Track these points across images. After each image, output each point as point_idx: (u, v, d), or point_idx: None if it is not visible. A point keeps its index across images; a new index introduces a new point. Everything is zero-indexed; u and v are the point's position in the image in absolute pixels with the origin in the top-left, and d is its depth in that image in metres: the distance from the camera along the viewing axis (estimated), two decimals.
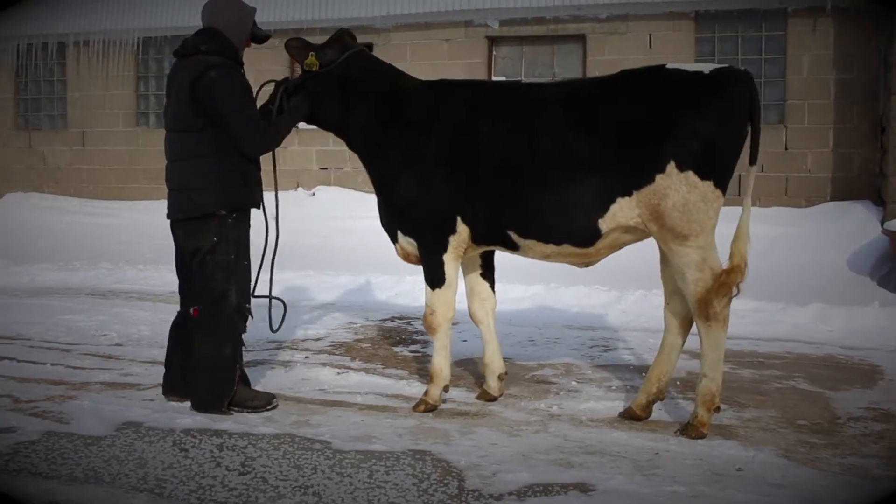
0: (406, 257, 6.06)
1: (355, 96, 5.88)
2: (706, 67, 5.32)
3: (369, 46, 6.26)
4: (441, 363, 5.88)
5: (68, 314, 9.14)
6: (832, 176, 14.02)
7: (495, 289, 6.22)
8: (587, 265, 5.80)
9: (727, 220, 5.52)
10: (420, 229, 5.79)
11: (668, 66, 5.41)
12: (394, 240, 6.04)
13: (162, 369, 6.22)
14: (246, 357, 7.12)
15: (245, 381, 5.92)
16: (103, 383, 6.50)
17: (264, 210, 5.99)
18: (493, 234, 5.67)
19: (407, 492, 4.40)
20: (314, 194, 15.76)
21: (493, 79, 15.62)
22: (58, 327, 8.52)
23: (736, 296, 5.31)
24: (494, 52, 15.86)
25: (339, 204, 15.46)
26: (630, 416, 5.61)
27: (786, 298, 9.30)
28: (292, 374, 6.70)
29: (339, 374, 6.66)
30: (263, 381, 6.47)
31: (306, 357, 7.28)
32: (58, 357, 7.27)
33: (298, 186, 16.26)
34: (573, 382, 6.48)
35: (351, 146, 6.12)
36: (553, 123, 5.40)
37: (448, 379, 5.93)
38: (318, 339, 7.94)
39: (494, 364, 6.09)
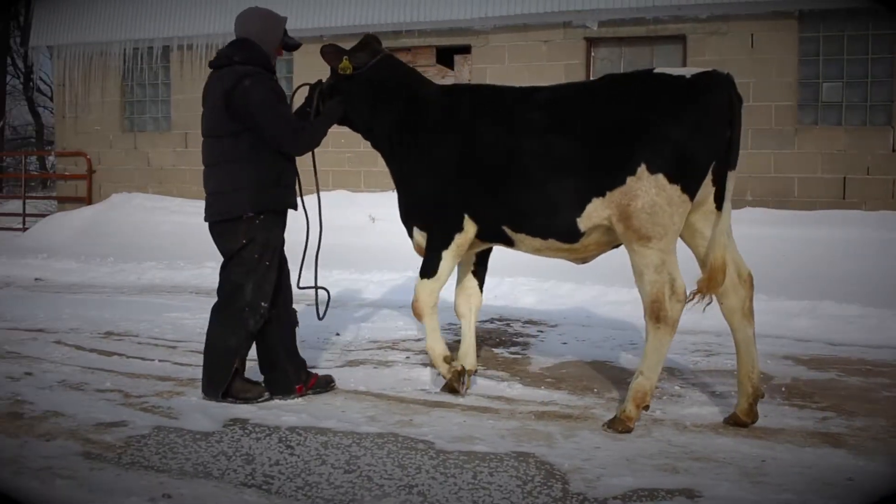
0: (421, 251, 6.31)
1: (382, 99, 6.22)
2: (689, 72, 5.40)
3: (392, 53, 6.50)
4: (433, 343, 6.23)
5: (174, 312, 9.36)
6: None
7: (483, 287, 6.58)
8: (582, 261, 6.02)
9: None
10: (430, 225, 6.10)
11: (655, 70, 5.55)
12: (410, 235, 6.34)
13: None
14: (347, 357, 7.27)
15: (242, 373, 6.09)
16: None
17: (305, 210, 6.28)
18: (492, 230, 5.93)
19: (511, 493, 4.40)
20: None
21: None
22: (164, 324, 8.74)
23: (709, 304, 5.48)
24: (593, 54, 15.78)
25: None
26: (736, 423, 5.53)
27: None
28: (394, 374, 6.76)
29: (440, 375, 6.67)
30: (366, 381, 6.53)
31: (407, 357, 7.33)
32: (165, 354, 7.45)
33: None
34: (675, 387, 6.42)
35: (376, 146, 6.44)
36: (539, 125, 5.62)
37: (446, 351, 6.26)
38: (418, 340, 7.98)
39: (467, 359, 6.38)
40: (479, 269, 6.53)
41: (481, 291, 6.51)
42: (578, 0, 15.31)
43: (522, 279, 10.53)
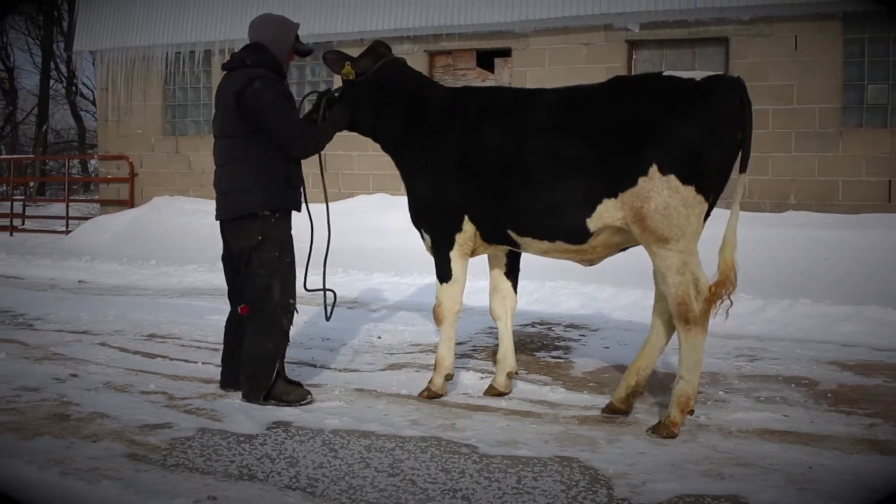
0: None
1: (386, 103, 6.28)
2: (699, 75, 5.41)
3: (402, 59, 6.57)
4: (444, 353, 6.22)
5: (215, 314, 9.39)
6: None
7: (517, 288, 6.50)
8: (590, 263, 6.02)
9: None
10: (432, 227, 6.16)
11: (664, 73, 5.58)
12: (422, 236, 6.37)
13: (307, 369, 6.73)
14: (388, 360, 7.28)
15: (283, 375, 6.17)
16: None
17: (308, 212, 6.40)
18: (497, 232, 5.97)
19: (556, 498, 4.38)
20: None
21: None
22: (206, 327, 8.78)
23: (730, 307, 5.46)
24: (634, 56, 15.71)
25: None
26: (612, 411, 5.75)
27: None
28: None
29: (482, 378, 6.67)
30: (408, 385, 6.53)
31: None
32: (207, 356, 7.48)
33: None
34: (720, 392, 6.36)
35: (385, 149, 6.51)
36: (546, 127, 5.63)
37: (451, 368, 6.25)
38: (460, 344, 7.95)
39: (506, 361, 6.35)
40: (512, 270, 6.47)
41: (515, 293, 6.49)
42: (620, 2, 15.25)
43: (563, 283, 10.50)
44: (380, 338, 8.32)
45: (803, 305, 9.13)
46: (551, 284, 10.38)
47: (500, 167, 5.76)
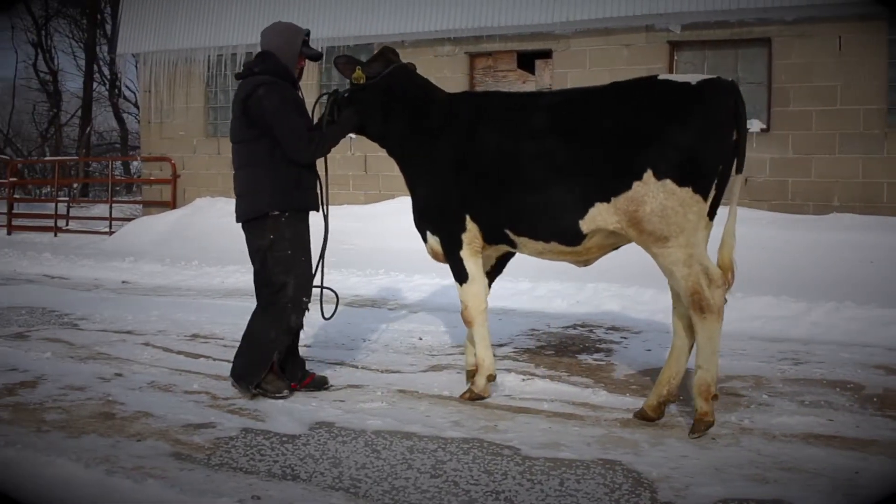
0: (435, 256, 6.48)
1: (393, 108, 6.39)
2: (694, 78, 5.45)
3: (411, 65, 6.63)
4: (483, 354, 6.23)
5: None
6: None
7: (491, 286, 6.58)
8: (584, 264, 6.11)
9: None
10: (438, 229, 6.27)
11: (659, 77, 5.61)
12: (424, 239, 6.47)
13: (349, 370, 6.91)
14: (430, 361, 7.29)
15: (275, 367, 6.30)
16: None
17: (325, 212, 6.55)
18: (494, 233, 6.06)
19: (599, 501, 4.36)
20: None
21: None
22: None
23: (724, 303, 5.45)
24: (676, 58, 15.62)
25: None
26: (643, 418, 5.71)
27: None
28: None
29: (524, 380, 6.66)
30: (449, 386, 6.54)
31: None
32: None
33: None
34: (764, 396, 6.30)
35: (390, 154, 6.61)
36: (542, 130, 5.71)
37: (492, 369, 6.24)
38: (501, 346, 7.96)
39: (471, 353, 6.45)
40: (495, 270, 6.65)
41: (488, 288, 6.51)
42: (661, 3, 15.18)
43: (605, 285, 10.45)
44: (421, 339, 8.33)
45: (848, 308, 9.03)
46: (593, 287, 10.33)
47: (499, 169, 5.86)
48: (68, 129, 44.32)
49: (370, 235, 15.18)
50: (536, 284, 10.79)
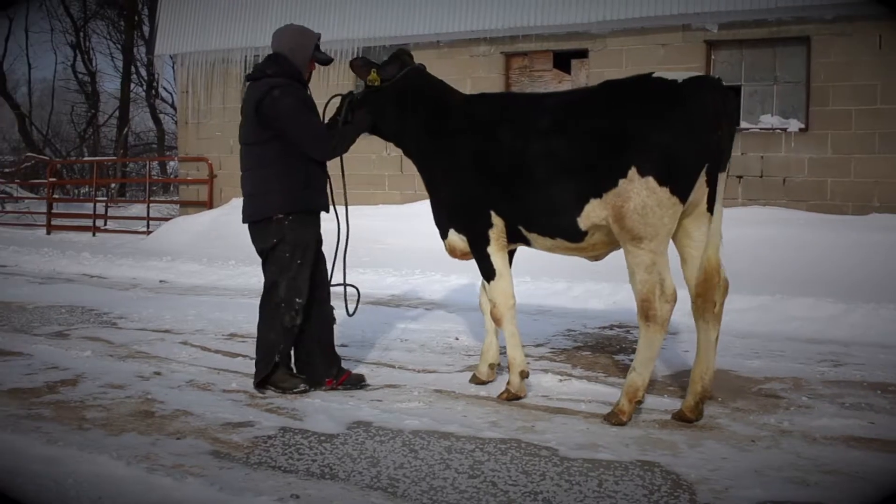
0: (452, 252, 6.63)
1: (410, 109, 6.52)
2: (682, 76, 5.56)
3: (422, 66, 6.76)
4: (513, 352, 6.27)
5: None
6: None
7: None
8: (595, 259, 6.23)
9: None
10: (465, 228, 6.36)
11: (653, 75, 5.69)
12: (444, 236, 6.59)
13: (386, 370, 7.01)
14: (466, 361, 7.29)
15: (286, 365, 6.48)
16: None
17: (336, 212, 6.69)
18: (511, 229, 6.18)
19: (637, 503, 4.34)
20: None
21: None
22: None
23: (716, 309, 5.72)
24: (713, 57, 15.53)
25: None
26: (681, 419, 5.72)
27: None
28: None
29: (561, 381, 6.64)
30: (486, 386, 6.54)
31: (527, 363, 7.28)
32: None
33: None
34: (803, 398, 6.25)
35: (407, 154, 6.76)
36: (545, 130, 5.84)
37: (524, 365, 6.28)
38: (538, 346, 7.96)
39: (490, 353, 6.68)
40: None
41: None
42: (698, 2, 15.09)
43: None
44: (457, 339, 8.34)
45: (888, 310, 8.93)
46: (629, 287, 10.27)
47: (510, 167, 5.98)
48: (106, 130, 44.71)
49: (406, 235, 15.19)
50: (573, 284, 10.78)
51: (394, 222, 15.72)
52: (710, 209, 5.64)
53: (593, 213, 5.65)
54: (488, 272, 6.32)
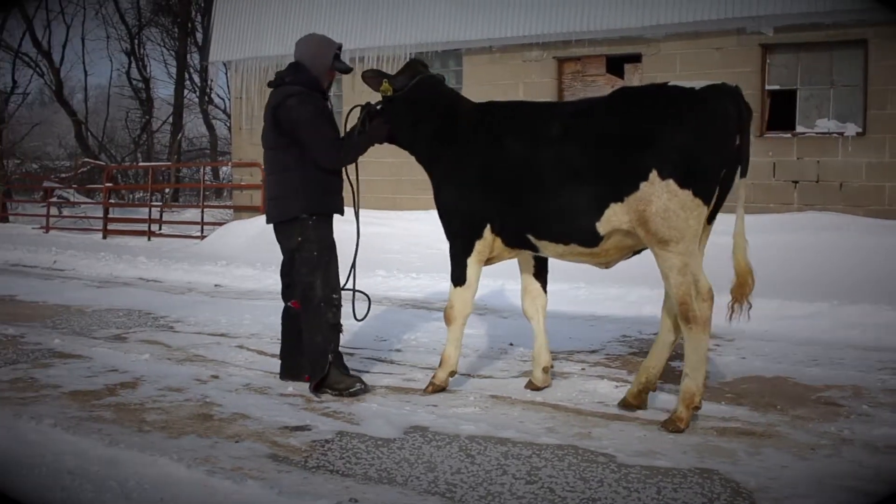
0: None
1: (420, 117, 6.62)
2: (699, 84, 5.66)
3: (440, 75, 6.91)
4: (451, 352, 6.53)
5: (347, 319, 9.53)
6: None
7: (547, 288, 6.77)
8: (605, 266, 6.25)
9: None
10: (452, 234, 6.48)
11: (668, 83, 5.84)
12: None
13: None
14: (521, 367, 7.28)
15: (340, 365, 6.57)
16: (388, 387, 6.75)
17: (357, 216, 6.96)
18: (516, 237, 6.25)
19: None
20: None
21: (766, 88, 15.23)
22: None
23: (749, 308, 5.74)
24: (768, 60, 15.38)
25: None
26: (625, 406, 6.05)
27: None
28: (570, 386, 6.72)
29: (617, 387, 6.62)
30: (542, 392, 6.53)
31: (582, 369, 7.29)
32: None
33: None
34: (864, 406, 6.16)
35: (419, 161, 6.82)
36: (559, 138, 5.91)
37: (455, 366, 6.56)
38: (592, 352, 7.93)
39: (541, 357, 6.65)
40: (540, 272, 6.75)
41: (545, 293, 6.76)
42: (753, 5, 14.95)
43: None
44: (511, 344, 8.32)
45: None
46: None
47: (520, 176, 6.06)
48: (160, 136, 45.29)
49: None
50: (627, 290, 10.71)
51: (432, 225, 15.68)
52: (711, 219, 5.76)
53: (614, 218, 5.70)
54: (460, 279, 6.44)
